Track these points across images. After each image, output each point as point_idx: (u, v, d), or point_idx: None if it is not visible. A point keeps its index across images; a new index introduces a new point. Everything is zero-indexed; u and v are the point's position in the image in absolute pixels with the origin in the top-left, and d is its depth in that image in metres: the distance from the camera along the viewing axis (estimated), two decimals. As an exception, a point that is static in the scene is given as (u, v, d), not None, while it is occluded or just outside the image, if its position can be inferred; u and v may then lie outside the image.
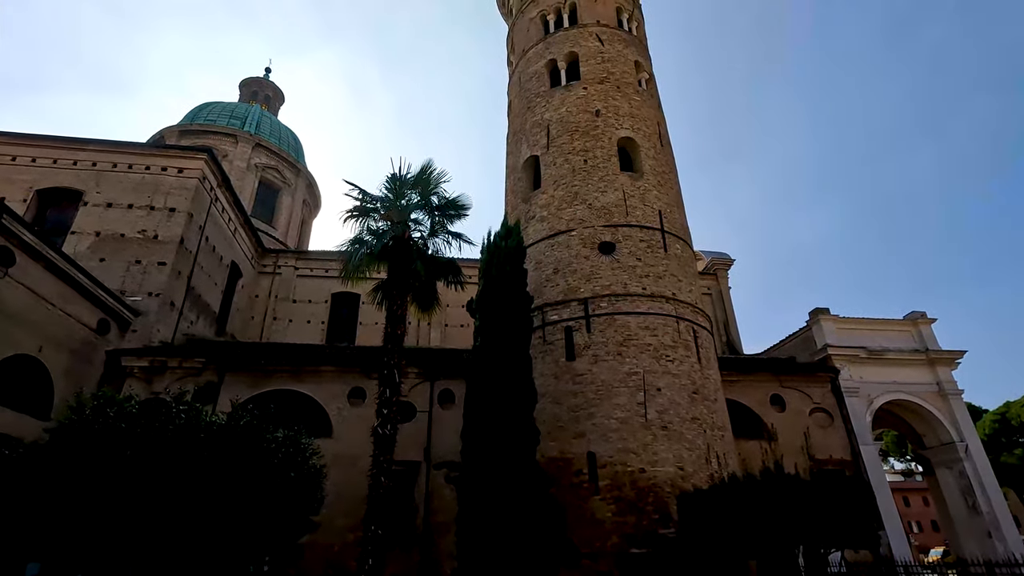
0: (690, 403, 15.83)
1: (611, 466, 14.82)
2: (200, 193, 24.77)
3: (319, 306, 31.69)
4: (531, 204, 19.93)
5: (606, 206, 18.45)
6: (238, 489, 9.29)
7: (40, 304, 16.47)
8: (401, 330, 8.08)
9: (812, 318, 26.39)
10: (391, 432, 7.72)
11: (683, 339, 16.82)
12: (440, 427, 20.81)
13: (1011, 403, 42.96)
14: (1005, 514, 23.05)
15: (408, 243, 8.87)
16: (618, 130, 20.09)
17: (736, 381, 22.88)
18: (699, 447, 15.36)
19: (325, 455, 18.24)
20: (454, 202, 9.20)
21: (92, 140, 24.67)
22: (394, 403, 7.81)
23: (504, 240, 15.99)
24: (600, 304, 16.93)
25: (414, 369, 21.79)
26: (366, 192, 9.14)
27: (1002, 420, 42.55)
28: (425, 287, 9.40)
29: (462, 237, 9.47)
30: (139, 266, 22.07)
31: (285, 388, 20.68)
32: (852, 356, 24.82)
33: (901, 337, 26.49)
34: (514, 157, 22.10)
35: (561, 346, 16.79)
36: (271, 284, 31.65)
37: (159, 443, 9.51)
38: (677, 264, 18.29)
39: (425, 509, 19.66)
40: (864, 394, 24.32)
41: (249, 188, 36.43)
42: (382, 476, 7.29)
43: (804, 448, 15.81)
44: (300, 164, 41.17)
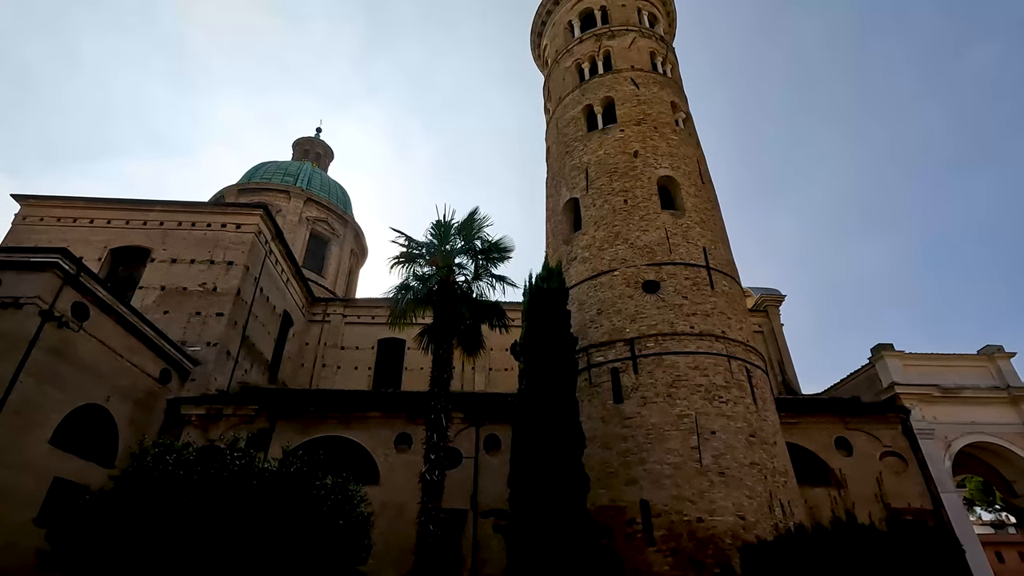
0: (747, 447, 15.03)
1: (666, 515, 14.10)
2: (256, 247, 26.07)
3: (366, 352, 32.30)
4: (572, 246, 19.99)
5: (648, 245, 18.29)
6: (288, 536, 9.31)
7: (109, 355, 17.43)
8: (447, 374, 8.10)
9: (875, 355, 24.93)
10: (439, 478, 7.62)
11: (736, 379, 16.15)
12: (486, 474, 20.45)
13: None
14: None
15: (453, 287, 9.01)
16: (657, 169, 20.12)
17: (796, 423, 21.64)
18: (760, 494, 14.46)
19: (372, 503, 18.11)
20: (497, 245, 9.34)
21: (159, 201, 26.57)
22: (442, 448, 7.74)
23: (546, 282, 16.01)
24: (647, 344, 16.55)
25: (459, 414, 21.66)
26: (412, 239, 9.42)
27: (1104, 464, 38.37)
28: (470, 330, 9.45)
29: (506, 280, 9.55)
30: (199, 317, 23.17)
31: (334, 435, 20.88)
32: (923, 395, 23.17)
33: (977, 373, 24.61)
34: (553, 200, 22.38)
35: (608, 388, 16.40)
36: (320, 331, 32.59)
37: (214, 490, 9.70)
38: (725, 301, 17.80)
39: (473, 560, 19.12)
40: (940, 436, 22.51)
41: (300, 240, 38.11)
42: (430, 524, 7.15)
43: (878, 496, 14.59)
44: (348, 215, 42.94)
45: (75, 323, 15.98)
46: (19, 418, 14.18)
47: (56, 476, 15.21)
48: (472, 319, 9.19)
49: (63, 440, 15.59)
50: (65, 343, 15.67)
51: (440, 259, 8.98)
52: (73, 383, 15.93)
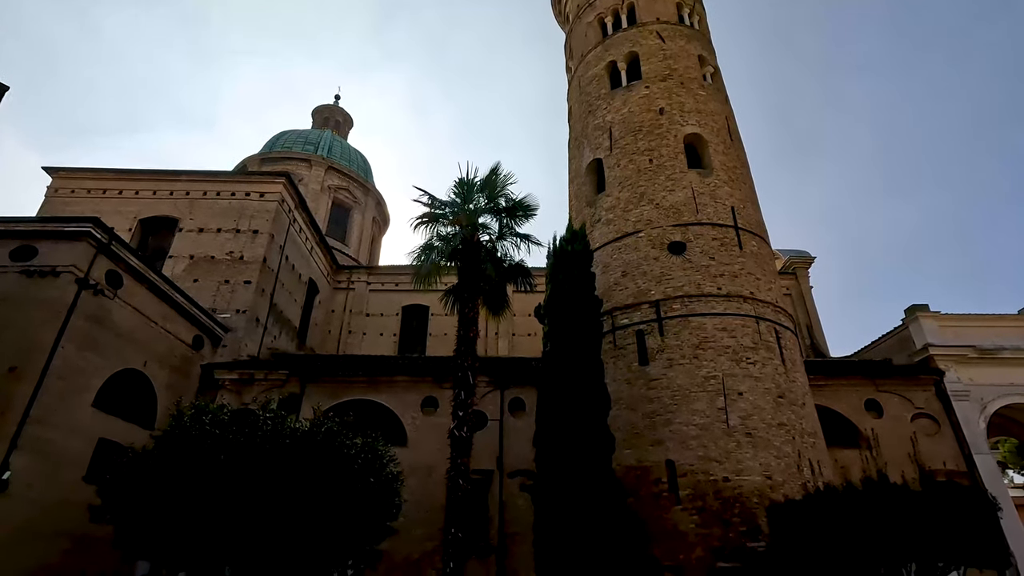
0: (775, 408, 14.86)
1: (692, 475, 14.14)
2: (280, 215, 26.28)
3: (390, 319, 32.71)
4: (596, 207, 19.62)
5: (674, 205, 17.85)
6: (320, 492, 9.58)
7: (144, 322, 17.93)
8: (473, 333, 8.08)
9: (909, 316, 24.24)
10: (467, 435, 7.70)
11: (764, 340, 15.87)
12: (512, 435, 20.75)
13: None
14: None
15: (477, 246, 8.90)
16: (684, 127, 19.45)
17: (825, 386, 21.32)
18: (788, 455, 14.36)
19: (401, 464, 18.66)
20: (521, 203, 9.14)
21: (185, 171, 26.86)
22: (469, 405, 7.80)
23: (570, 244, 15.79)
24: (672, 306, 16.32)
25: (484, 378, 21.88)
26: (435, 198, 9.28)
27: None
28: (495, 290, 9.37)
29: (530, 239, 9.37)
30: (227, 285, 23.63)
31: (362, 398, 21.34)
32: (959, 356, 22.54)
33: (1017, 334, 23.78)
34: (576, 162, 21.90)
35: (633, 351, 16.30)
36: (345, 299, 33.03)
37: (248, 448, 9.98)
38: (754, 262, 17.37)
39: (499, 519, 19.58)
40: (976, 398, 21.97)
41: (323, 209, 38.31)
42: (460, 479, 7.26)
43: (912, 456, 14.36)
44: (369, 183, 42.90)
45: (110, 291, 16.41)
46: (63, 383, 14.76)
47: (101, 437, 15.89)
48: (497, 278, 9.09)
49: (106, 403, 16.23)
50: (102, 310, 16.14)
51: (464, 218, 8.84)
52: (112, 349, 16.47)
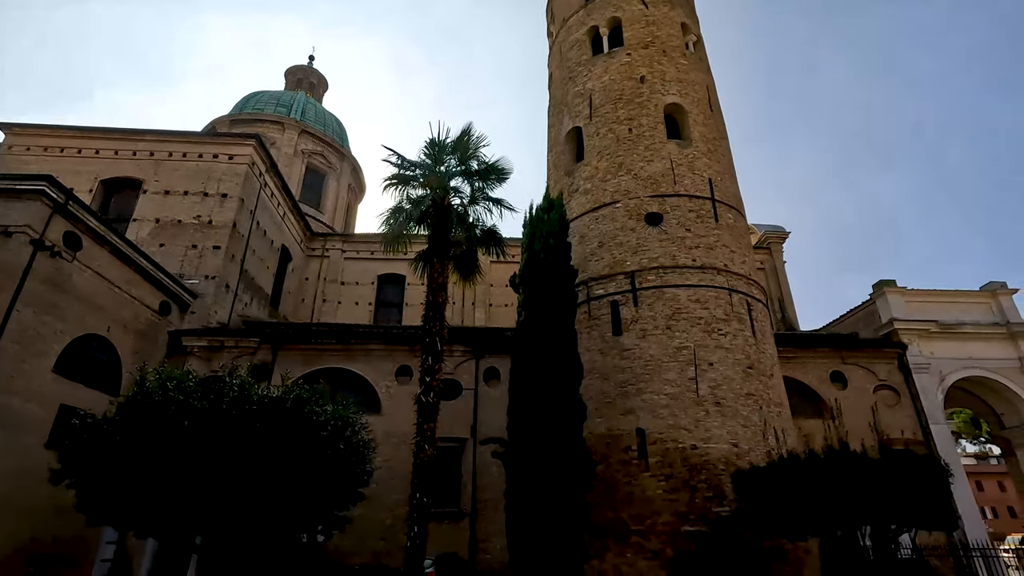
0: (744, 378, 15.15)
1: (661, 443, 14.40)
2: (250, 179, 25.45)
3: (366, 287, 32.30)
4: (574, 177, 19.40)
5: (652, 176, 17.73)
6: (288, 459, 9.48)
7: (106, 287, 17.33)
8: (442, 298, 7.90)
9: (876, 291, 24.83)
10: (434, 400, 7.61)
11: (736, 312, 16.07)
12: (486, 404, 20.89)
13: (1103, 381, 39.49)
14: (1097, 499, 21.25)
15: (448, 209, 8.65)
16: (664, 96, 19.21)
17: (793, 358, 21.84)
18: (755, 423, 14.71)
19: (375, 432, 18.60)
20: (494, 167, 8.86)
21: (149, 131, 25.71)
22: (437, 370, 7.70)
23: (546, 213, 15.61)
24: (647, 277, 16.36)
25: (459, 347, 21.88)
26: (405, 158, 8.95)
27: (1092, 400, 39.21)
28: (466, 255, 9.17)
29: (503, 203, 9.11)
30: (195, 250, 22.94)
31: (335, 367, 21.17)
32: (922, 330, 23.24)
33: (978, 310, 24.59)
34: (555, 130, 21.55)
35: (607, 321, 16.36)
36: (320, 267, 32.44)
37: (214, 415, 9.79)
38: (729, 234, 17.45)
39: (472, 485, 19.84)
40: (935, 371, 22.77)
41: (296, 174, 37.26)
42: (426, 444, 7.21)
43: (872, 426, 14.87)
44: (344, 149, 41.79)
45: (68, 253, 15.76)
46: (20, 347, 14.24)
47: (63, 403, 15.46)
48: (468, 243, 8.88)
49: (67, 369, 15.75)
50: (60, 274, 15.52)
51: (434, 181, 8.55)
52: (72, 313, 15.91)
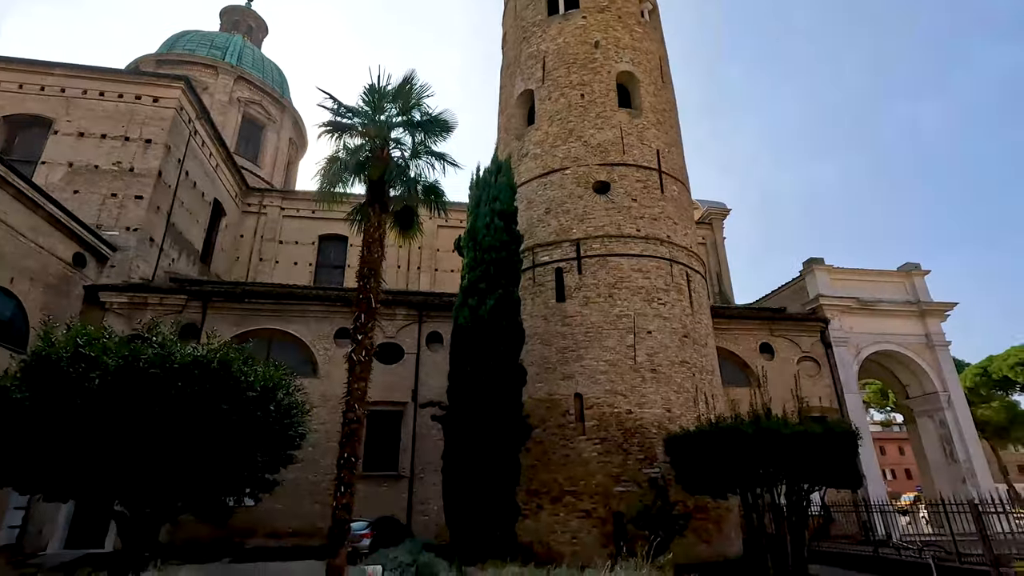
0: (680, 347, 15.63)
1: (598, 407, 14.73)
2: (178, 125, 23.60)
3: (306, 247, 31.06)
4: (524, 141, 19.06)
5: (602, 144, 17.64)
6: (211, 421, 9.00)
7: (9, 234, 15.76)
8: (378, 253, 7.53)
9: (806, 268, 26.11)
10: (366, 359, 7.36)
11: (676, 282, 16.45)
12: (428, 368, 20.73)
13: (993, 357, 43.64)
14: (981, 462, 23.62)
15: (387, 160, 8.20)
16: (618, 64, 19.01)
17: (727, 329, 22.80)
18: (687, 390, 15.27)
19: (312, 394, 18.23)
20: (438, 119, 8.41)
21: (59, 64, 23.25)
22: (370, 328, 7.41)
23: (494, 175, 15.32)
24: (593, 245, 16.43)
25: (402, 310, 21.49)
26: (342, 104, 8.36)
27: (983, 374, 43.32)
28: (406, 209, 8.77)
29: (446, 158, 8.71)
30: (115, 199, 21.20)
31: (270, 327, 20.35)
32: (844, 307, 24.72)
33: (894, 288, 26.36)
34: (507, 91, 21.01)
35: (551, 288, 16.40)
36: (256, 224, 30.86)
37: (130, 374, 9.13)
38: (673, 206, 17.71)
39: (412, 449, 19.80)
40: (853, 344, 24.37)
41: (232, 123, 34.93)
42: (356, 404, 6.98)
43: (794, 393, 15.82)
44: (285, 100, 39.44)
45: (-39, 195, 14.15)
46: (-97, 297, 12.78)
47: (-42, 360, 14.11)
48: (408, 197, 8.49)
49: (-38, 322, 14.33)
50: (-49, 217, 13.95)
51: (373, 130, 8.05)
52: (-33, 262, 14.40)
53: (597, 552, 12.32)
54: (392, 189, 8.43)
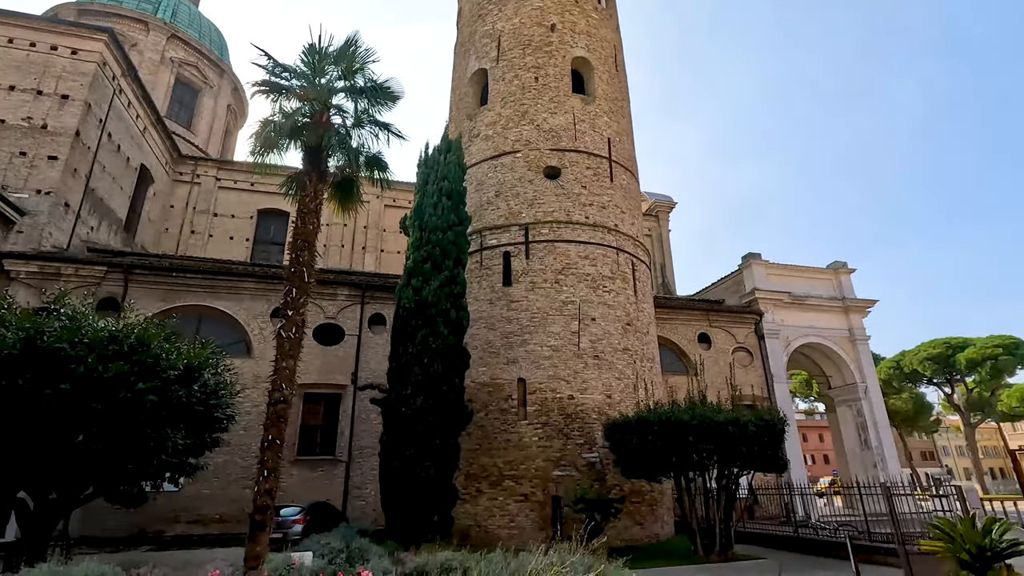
0: (623, 334, 15.85)
1: (541, 393, 14.76)
2: (100, 81, 21.68)
3: (244, 222, 29.46)
4: (476, 121, 18.68)
5: (555, 129, 17.52)
6: (125, 402, 8.30)
7: None
8: (313, 224, 7.07)
9: (744, 262, 27.11)
10: (296, 335, 6.93)
11: (621, 271, 16.64)
12: (370, 351, 20.19)
13: (906, 352, 47.17)
14: (891, 449, 25.47)
15: (327, 126, 7.69)
16: (573, 48, 18.87)
17: (668, 319, 23.41)
18: (628, 376, 15.53)
19: (244, 375, 17.37)
20: (383, 87, 7.93)
21: (-41, 3, 20.80)
22: (302, 304, 6.97)
23: (443, 154, 14.90)
24: (541, 231, 16.35)
25: (344, 291, 20.80)
26: (278, 62, 7.73)
27: (896, 367, 46.77)
28: (346, 180, 8.28)
29: (391, 128, 8.22)
30: (24, 159, 19.29)
31: (200, 304, 19.21)
32: (777, 300, 25.86)
33: (823, 285, 27.79)
34: (461, 69, 20.49)
35: (498, 271, 16.23)
36: (189, 194, 28.95)
37: (30, 350, 8.28)
38: (622, 195, 17.85)
39: (350, 432, 19.29)
40: (783, 336, 25.58)
41: (163, 85, 32.51)
42: (284, 383, 6.57)
43: (728, 381, 16.45)
44: (224, 64, 37.05)
45: None
46: None
47: None
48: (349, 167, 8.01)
49: None
50: None
51: (312, 92, 7.52)
52: None
53: (535, 536, 12.40)
54: (332, 158, 7.95)
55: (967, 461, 60.80)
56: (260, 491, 6.17)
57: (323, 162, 7.67)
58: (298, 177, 7.87)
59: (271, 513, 6.32)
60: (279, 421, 6.37)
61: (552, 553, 5.72)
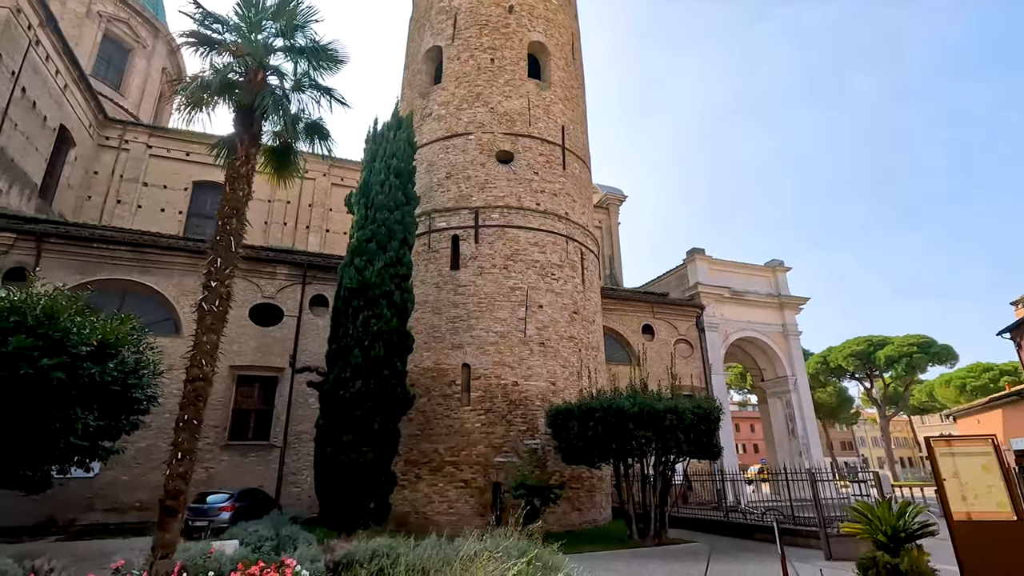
0: (569, 322, 15.90)
1: (485, 379, 14.61)
2: (13, 30, 19.70)
3: (177, 194, 27.67)
4: (429, 100, 18.17)
5: (509, 113, 17.26)
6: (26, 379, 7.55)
7: None
8: (243, 191, 6.54)
9: (689, 257, 27.82)
10: (220, 309, 6.44)
11: (570, 259, 16.66)
12: (310, 333, 19.46)
13: (832, 348, 50.08)
14: (815, 438, 26.97)
15: (261, 86, 7.14)
16: (530, 32, 18.62)
17: (614, 310, 23.74)
18: (573, 364, 15.61)
19: (172, 355, 16.35)
20: (326, 49, 7.41)
21: None
22: (228, 273, 6.47)
23: (393, 131, 14.41)
24: (492, 215, 16.12)
25: (284, 269, 19.92)
26: (208, 12, 7.06)
27: (823, 362, 49.59)
28: (283, 147, 7.74)
29: (333, 94, 7.68)
30: (-81, 109, 17.31)
31: (125, 279, 17.91)
32: (718, 295, 26.71)
33: (760, 281, 28.92)
34: (415, 45, 19.86)
35: (447, 255, 15.91)
36: (116, 161, 26.89)
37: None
38: (574, 184, 17.85)
39: (287, 417, 18.57)
40: (722, 330, 26.49)
41: (89, 41, 29.98)
42: (203, 360, 6.10)
43: (669, 371, 16.85)
44: (159, 23, 34.54)
45: None
46: None
47: None
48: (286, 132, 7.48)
49: None
50: None
51: (245, 48, 6.94)
52: None
53: (474, 522, 12.28)
54: (267, 122, 7.41)
55: (881, 451, 65.52)
56: (173, 475, 5.72)
57: (256, 124, 7.12)
58: (229, 140, 7.29)
59: (184, 499, 5.88)
60: (197, 400, 5.91)
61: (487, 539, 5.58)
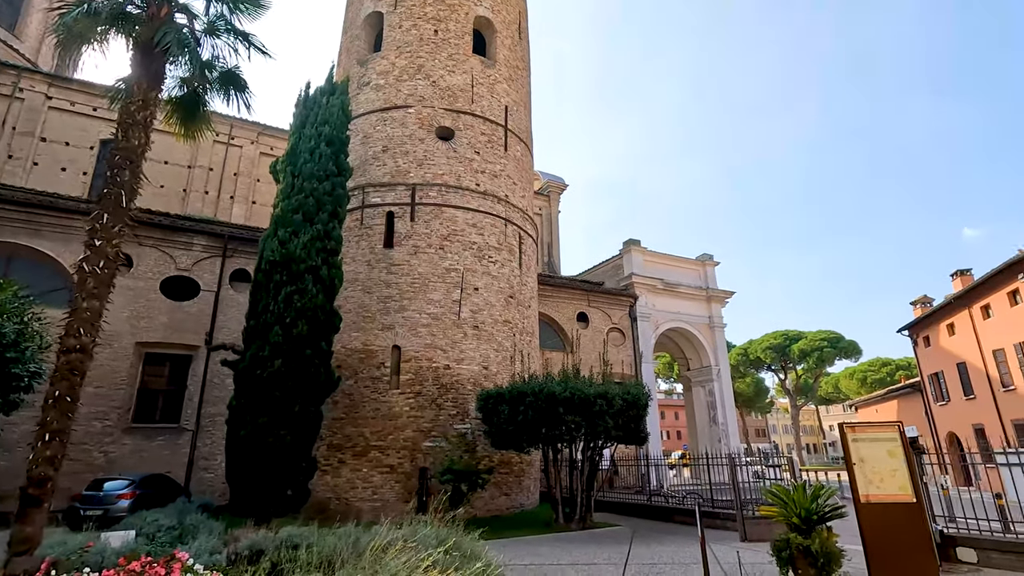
0: (505, 306, 15.68)
1: (416, 361, 14.16)
2: None
3: (82, 152, 25.06)
4: (367, 69, 17.26)
5: (451, 88, 16.68)
6: None
7: None
8: (139, 140, 5.72)
9: (625, 248, 28.33)
10: (104, 271, 5.67)
11: (508, 243, 16.40)
12: (230, 310, 18.22)
13: (752, 341, 52.99)
14: (734, 426, 28.36)
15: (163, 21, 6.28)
16: (477, 6, 18.03)
17: (550, 297, 23.79)
18: (506, 349, 15.43)
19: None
20: (246, -11, 6.67)
21: None
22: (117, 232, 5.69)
23: (327, 97, 13.53)
24: (429, 193, 15.56)
25: (201, 240, 18.54)
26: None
27: (744, 354, 52.39)
28: (191, 96, 6.88)
29: (253, 41, 6.89)
30: None
31: (12, 241, 16.02)
32: (651, 286, 27.38)
33: (691, 274, 29.92)
34: (355, 8, 18.78)
35: (380, 232, 15.23)
36: (7, 111, 23.97)
37: None
38: (515, 167, 17.55)
39: (200, 399, 17.35)
40: (653, 320, 27.21)
41: (-23, -28, 26.50)
42: (81, 329, 5.34)
43: (601, 358, 17.03)
44: (66, -38, 31.03)
45: None
46: None
47: None
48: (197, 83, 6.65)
49: None
50: None
51: (150, -22, 6.09)
52: None
53: (398, 508, 11.89)
54: (175, 66, 6.57)
55: (790, 438, 70.27)
56: (38, 459, 4.99)
57: (157, 64, 6.26)
58: (127, 81, 6.39)
59: (53, 487, 5.16)
60: (72, 374, 5.16)
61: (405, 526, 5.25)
